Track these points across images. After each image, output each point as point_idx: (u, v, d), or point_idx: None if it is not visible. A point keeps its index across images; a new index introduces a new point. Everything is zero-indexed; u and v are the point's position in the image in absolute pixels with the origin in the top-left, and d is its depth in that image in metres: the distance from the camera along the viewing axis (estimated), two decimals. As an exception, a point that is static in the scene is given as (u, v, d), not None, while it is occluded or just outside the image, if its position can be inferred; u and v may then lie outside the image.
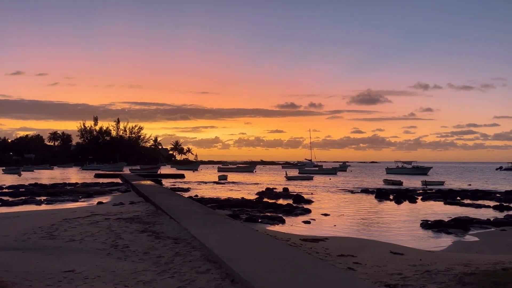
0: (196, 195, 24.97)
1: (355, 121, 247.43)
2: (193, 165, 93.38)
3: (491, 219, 15.54)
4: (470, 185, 41.90)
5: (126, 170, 64.55)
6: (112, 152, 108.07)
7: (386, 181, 42.74)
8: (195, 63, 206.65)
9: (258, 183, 41.52)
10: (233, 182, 42.55)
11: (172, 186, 32.49)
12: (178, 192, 23.33)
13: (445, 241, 12.02)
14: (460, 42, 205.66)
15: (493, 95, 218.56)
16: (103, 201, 18.65)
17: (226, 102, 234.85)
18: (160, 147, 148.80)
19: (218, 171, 74.92)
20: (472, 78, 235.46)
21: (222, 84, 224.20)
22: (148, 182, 28.05)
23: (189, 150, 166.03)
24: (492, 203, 22.25)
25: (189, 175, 58.22)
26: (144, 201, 16.71)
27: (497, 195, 27.68)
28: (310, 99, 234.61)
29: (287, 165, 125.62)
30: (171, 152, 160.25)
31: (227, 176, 50.22)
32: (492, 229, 13.94)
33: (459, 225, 13.79)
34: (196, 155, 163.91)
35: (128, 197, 20.00)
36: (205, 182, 41.75)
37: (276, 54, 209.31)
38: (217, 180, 45.94)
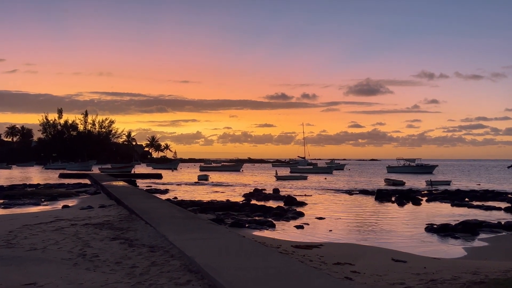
0: (175, 198, 24.92)
1: (353, 114, 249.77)
2: (172, 163, 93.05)
3: (502, 222, 15.85)
4: (479, 184, 42.64)
5: (96, 170, 64.05)
6: (79, 149, 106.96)
7: (388, 181, 43.24)
8: (174, 49, 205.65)
9: (245, 184, 41.54)
10: (216, 183, 42.50)
11: (148, 188, 32.35)
12: (155, 194, 23.22)
13: (452, 246, 12.22)
14: (469, 27, 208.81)
15: (504, 85, 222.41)
16: (69, 205, 18.48)
17: (209, 93, 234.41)
18: (134, 143, 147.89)
19: (200, 170, 74.78)
20: (481, 67, 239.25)
21: (204, 72, 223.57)
22: (121, 183, 27.86)
23: (167, 147, 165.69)
24: (503, 205, 22.68)
25: (167, 175, 58.01)
26: (116, 205, 16.61)
27: (509, 196, 28.20)
28: (303, 89, 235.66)
29: (277, 163, 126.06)
30: (146, 149, 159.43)
31: (208, 176, 50.13)
32: (504, 233, 14.23)
33: (467, 229, 14.03)
34: (175, 152, 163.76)
35: (98, 200, 19.85)
36: (186, 183, 41.66)
37: (266, 39, 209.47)
38: (198, 180, 45.90)
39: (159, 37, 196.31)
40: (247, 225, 14.78)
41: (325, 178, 51.97)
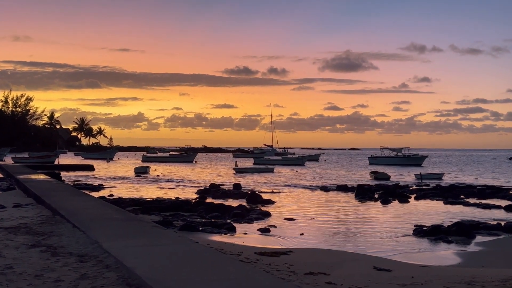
0: (111, 195, 24.74)
1: (330, 94, 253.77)
2: (107, 152, 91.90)
3: (502, 223, 16.57)
4: (476, 179, 44.36)
5: (9, 160, 62.30)
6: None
7: (373, 174, 44.17)
8: (111, 8, 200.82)
9: (198, 178, 41.46)
10: (162, 177, 42.23)
11: (77, 182, 31.84)
12: (85, 191, 22.85)
13: (444, 252, 12.70)
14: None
15: (507, 62, 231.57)
16: (-26, 204, 17.93)
17: (154, 65, 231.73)
18: (58, 126, 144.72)
19: (143, 161, 74.04)
20: (480, 39, 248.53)
21: (149, 39, 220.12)
22: (41, 177, 27.24)
23: (100, 132, 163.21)
24: (503, 203, 23.70)
25: (100, 166, 57.19)
26: (35, 203, 16.27)
27: (511, 192, 29.48)
28: (270, 62, 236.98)
29: (239, 153, 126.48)
30: (74, 134, 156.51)
31: (148, 168, 49.72)
32: (503, 236, 14.91)
33: (462, 231, 14.60)
34: (110, 139, 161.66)
35: (11, 197, 19.35)
36: (124, 177, 41.23)
37: (226, 0, 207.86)
38: (135, 173, 45.64)
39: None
40: (201, 229, 14.81)
41: (296, 171, 52.63)
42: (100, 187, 30.30)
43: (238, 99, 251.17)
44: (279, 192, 28.80)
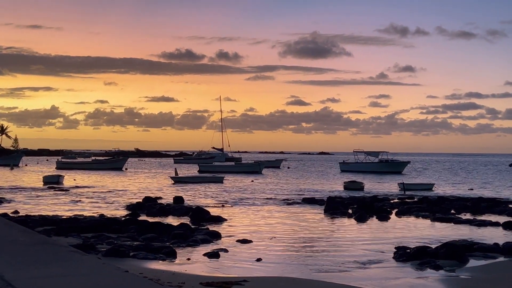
0: (16, 212, 24.29)
1: (294, 85, 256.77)
2: (11, 157, 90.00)
3: (500, 244, 17.02)
4: (471, 189, 45.56)
5: None
6: None
7: (347, 185, 44.55)
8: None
9: (129, 190, 41.17)
10: (79, 189, 41.56)
11: (-29, 196, 31.02)
12: (-18, 206, 22.33)
13: (431, 279, 12.95)
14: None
15: (504, 48, 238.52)
16: None
17: (73, 46, 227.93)
18: None
19: (57, 167, 72.74)
20: (473, 21, 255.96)
21: (67, 13, 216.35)
22: None
23: (2, 131, 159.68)
24: (502, 219, 24.41)
25: (2, 175, 55.98)
26: None
27: (510, 206, 30.41)
28: (220, 45, 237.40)
29: (181, 158, 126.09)
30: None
31: (62, 177, 48.78)
32: (501, 259, 15.34)
33: (453, 254, 14.92)
34: (15, 139, 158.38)
35: None
36: (33, 188, 40.42)
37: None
38: (44, 183, 44.96)
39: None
40: (132, 254, 14.69)
41: (252, 181, 52.79)
42: (0, 202, 29.58)
43: (179, 91, 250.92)
44: (231, 207, 28.78)
